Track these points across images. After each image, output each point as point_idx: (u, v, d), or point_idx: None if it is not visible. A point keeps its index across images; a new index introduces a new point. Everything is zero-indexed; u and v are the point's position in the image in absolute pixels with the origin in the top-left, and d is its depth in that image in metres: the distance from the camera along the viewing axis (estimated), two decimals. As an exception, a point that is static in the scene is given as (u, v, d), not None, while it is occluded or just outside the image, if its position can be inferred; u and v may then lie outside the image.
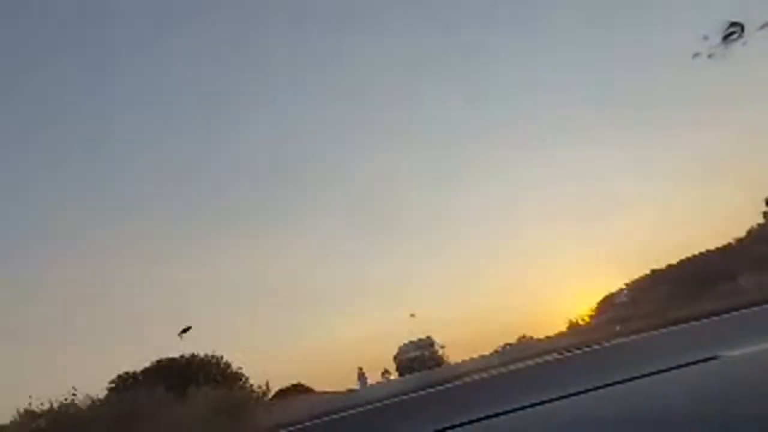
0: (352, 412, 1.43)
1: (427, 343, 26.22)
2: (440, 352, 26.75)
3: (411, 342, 27.13)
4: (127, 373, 29.03)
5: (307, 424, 1.41)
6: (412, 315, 39.89)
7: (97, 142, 39.90)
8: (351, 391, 29.64)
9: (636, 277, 35.24)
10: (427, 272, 44.55)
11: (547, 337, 32.41)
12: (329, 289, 45.03)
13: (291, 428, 1.42)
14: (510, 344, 39.46)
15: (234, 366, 32.79)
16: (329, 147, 44.13)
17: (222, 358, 32.17)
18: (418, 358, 25.09)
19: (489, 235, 45.70)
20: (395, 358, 26.86)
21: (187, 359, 28.70)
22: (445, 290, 43.38)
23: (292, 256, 42.44)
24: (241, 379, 32.05)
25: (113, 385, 28.63)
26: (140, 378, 28.53)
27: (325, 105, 42.74)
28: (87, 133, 38.84)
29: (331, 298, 45.52)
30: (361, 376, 29.71)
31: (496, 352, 38.73)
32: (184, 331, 28.91)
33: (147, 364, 29.31)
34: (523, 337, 45.09)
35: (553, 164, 43.18)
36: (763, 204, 28.84)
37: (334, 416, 1.43)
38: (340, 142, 44.15)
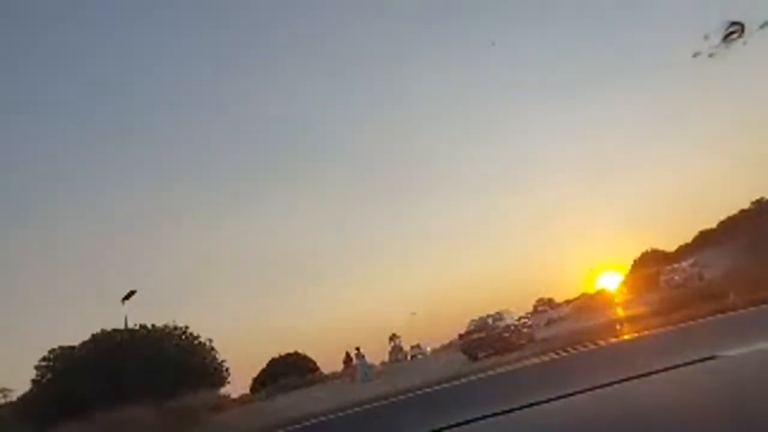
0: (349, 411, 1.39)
1: (495, 322, 21.26)
2: (509, 332, 20.90)
3: (477, 319, 22.02)
4: (61, 348, 23.40)
5: (306, 424, 1.39)
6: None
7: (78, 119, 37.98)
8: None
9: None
10: (437, 236, 44.88)
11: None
12: (331, 260, 46.14)
13: (290, 428, 1.37)
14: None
15: (203, 338, 27.27)
16: (330, 117, 45.59)
17: (186, 329, 26.38)
18: (484, 339, 20.37)
19: (498, 198, 46.63)
20: (460, 336, 22.12)
21: (130, 331, 22.78)
22: (454, 254, 42.87)
23: (292, 228, 42.72)
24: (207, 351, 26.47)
25: (45, 363, 23.09)
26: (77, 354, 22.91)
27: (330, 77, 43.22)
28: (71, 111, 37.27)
29: (332, 269, 45.32)
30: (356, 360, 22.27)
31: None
32: (128, 296, 22.95)
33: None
34: (541, 300, 41.31)
35: (564, 128, 43.66)
36: None
37: (332, 416, 1.41)
38: (341, 114, 44.95)
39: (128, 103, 39.95)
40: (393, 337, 41.19)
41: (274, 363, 38.97)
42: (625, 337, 1.85)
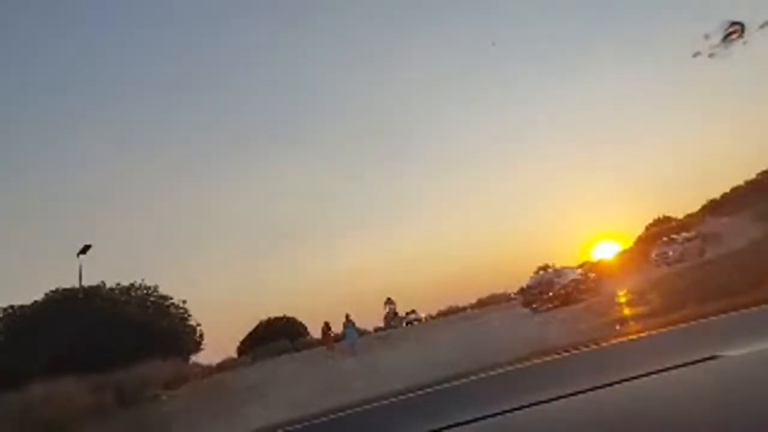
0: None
1: (556, 277, 21.09)
2: (571, 286, 20.26)
3: (540, 274, 22.24)
4: (11, 307, 20.90)
5: (306, 424, 1.29)
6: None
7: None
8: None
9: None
10: (433, 202, 42.94)
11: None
12: (322, 225, 43.41)
13: (289, 428, 1.27)
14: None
15: (177, 300, 24.80)
16: (323, 82, 41.37)
17: (156, 288, 23.76)
18: (544, 292, 20.33)
19: (499, 164, 43.34)
20: (522, 290, 22.12)
21: (87, 289, 20.23)
22: (452, 221, 41.34)
23: (285, 189, 40.43)
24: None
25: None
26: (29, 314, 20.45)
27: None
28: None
29: (325, 234, 43.31)
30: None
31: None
32: (84, 250, 20.33)
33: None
34: (546, 266, 39.10)
35: (564, 99, 41.02)
36: None
37: (333, 416, 1.33)
38: (335, 78, 40.59)
39: (110, 57, 37.22)
40: (388, 302, 38.91)
41: (261, 327, 37.14)
42: (625, 337, 1.56)
